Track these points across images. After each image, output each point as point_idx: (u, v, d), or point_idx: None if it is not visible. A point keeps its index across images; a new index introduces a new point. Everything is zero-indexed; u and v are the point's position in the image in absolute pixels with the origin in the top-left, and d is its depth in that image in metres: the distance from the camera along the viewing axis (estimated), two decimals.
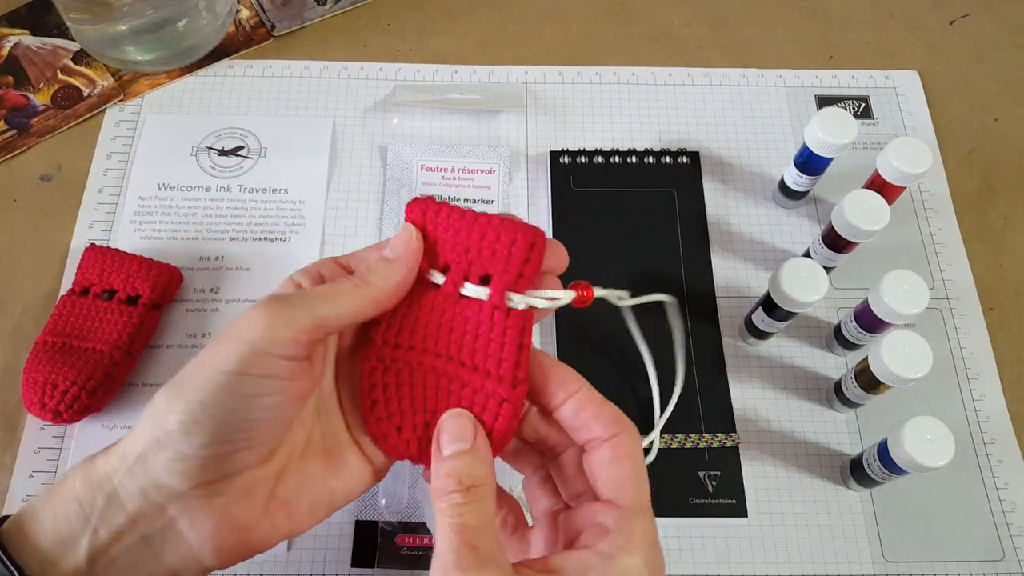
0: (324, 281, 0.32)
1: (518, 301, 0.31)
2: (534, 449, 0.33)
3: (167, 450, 0.28)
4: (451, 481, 0.28)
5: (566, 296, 0.32)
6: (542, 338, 0.53)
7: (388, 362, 0.32)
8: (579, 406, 0.30)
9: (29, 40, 0.63)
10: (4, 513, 0.38)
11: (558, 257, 0.32)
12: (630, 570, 0.27)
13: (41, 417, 0.47)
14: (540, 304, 0.31)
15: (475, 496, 0.28)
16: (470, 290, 0.31)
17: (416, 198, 0.32)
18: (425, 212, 0.32)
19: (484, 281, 0.31)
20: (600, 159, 0.59)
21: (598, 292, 0.33)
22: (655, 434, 0.49)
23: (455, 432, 0.30)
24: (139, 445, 0.29)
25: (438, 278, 0.32)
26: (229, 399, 0.28)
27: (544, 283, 0.32)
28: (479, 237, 0.31)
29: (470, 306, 0.32)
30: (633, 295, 0.37)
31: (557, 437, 0.32)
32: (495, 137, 0.60)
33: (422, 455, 0.32)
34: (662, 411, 0.49)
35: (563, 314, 0.53)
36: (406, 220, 0.33)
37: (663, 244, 0.56)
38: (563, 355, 0.52)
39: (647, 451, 0.49)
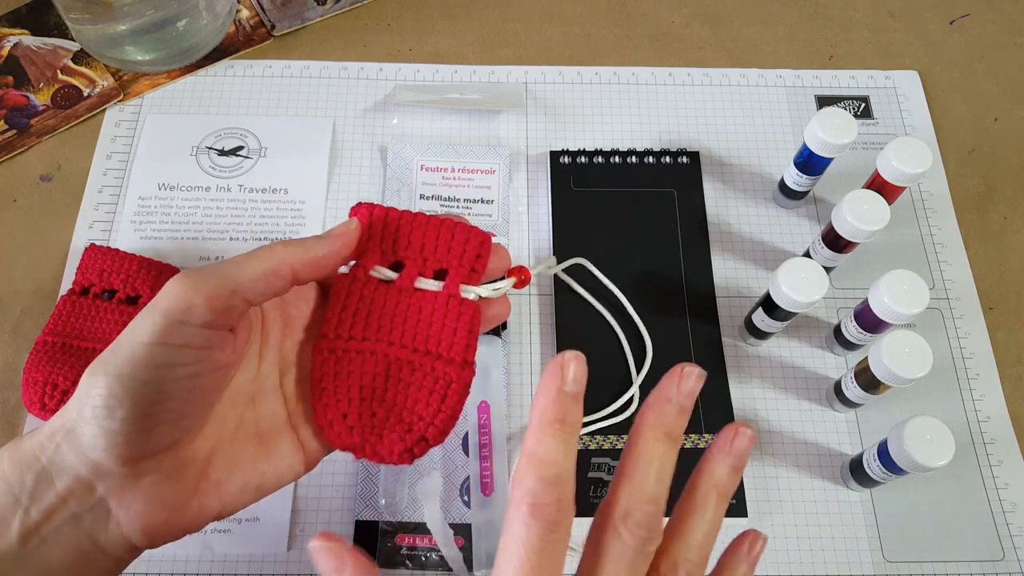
0: None
1: (469, 291, 0.35)
2: None
3: (92, 426, 0.28)
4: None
5: (507, 283, 0.37)
6: (542, 330, 0.53)
7: (340, 352, 0.34)
8: None
9: (29, 40, 0.63)
10: None
11: (501, 258, 0.36)
12: None
13: (41, 417, 0.47)
14: (486, 293, 0.35)
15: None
16: (424, 283, 0.35)
17: (360, 202, 0.36)
18: (372, 213, 0.35)
19: (438, 276, 0.35)
20: (600, 159, 0.59)
21: (534, 271, 0.39)
22: (634, 388, 0.51)
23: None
24: (68, 421, 0.29)
25: (387, 274, 0.35)
26: (148, 371, 0.28)
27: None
28: (435, 236, 0.35)
29: (424, 298, 0.35)
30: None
31: None
32: (495, 137, 0.60)
33: (364, 444, 0.33)
34: (637, 364, 0.52)
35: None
36: (350, 218, 0.36)
37: (663, 244, 0.56)
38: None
39: (627, 405, 0.51)
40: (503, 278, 0.37)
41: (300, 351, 0.36)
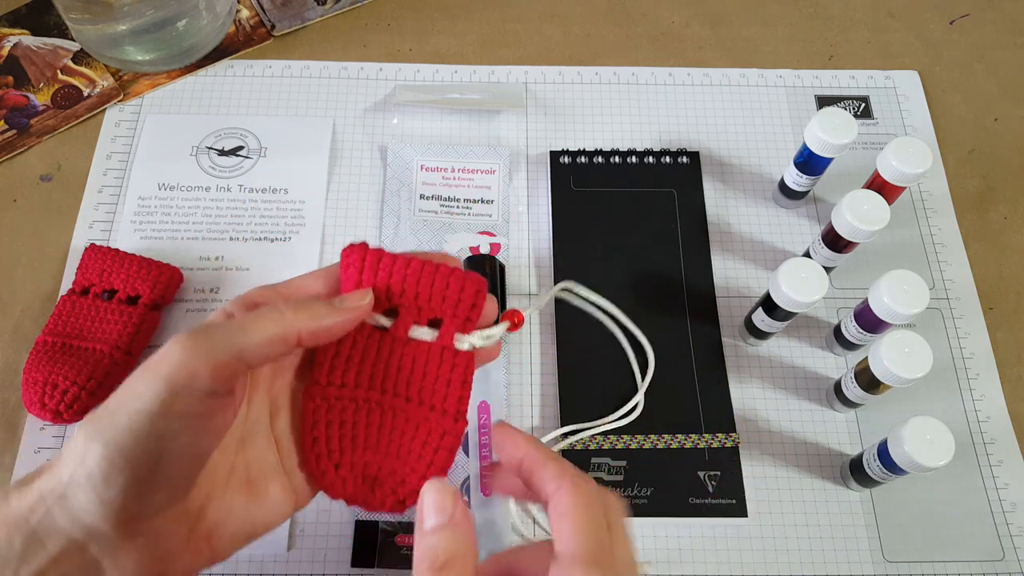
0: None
1: (463, 341, 0.34)
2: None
3: (87, 492, 0.28)
4: (426, 559, 0.28)
5: (500, 329, 0.36)
6: (541, 330, 0.53)
7: (332, 400, 0.34)
8: (530, 467, 0.31)
9: (29, 40, 0.63)
10: None
11: (492, 308, 0.35)
12: None
13: (41, 417, 0.47)
14: (480, 343, 0.34)
15: (450, 573, 0.27)
16: (419, 332, 0.34)
17: (352, 244, 0.34)
18: (364, 258, 0.34)
19: (432, 324, 0.34)
20: (600, 159, 0.59)
21: (526, 313, 0.38)
22: (639, 396, 0.50)
23: (434, 505, 0.29)
24: (59, 485, 0.28)
25: (382, 321, 0.34)
26: (148, 440, 0.27)
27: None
28: (429, 284, 0.34)
29: (419, 347, 0.34)
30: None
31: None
32: (495, 137, 0.60)
33: (357, 495, 0.33)
34: (643, 372, 0.51)
35: (561, 310, 0.53)
36: (343, 264, 0.34)
37: (663, 244, 0.56)
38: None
39: (631, 411, 0.50)
40: (497, 322, 0.36)
41: (291, 394, 0.35)
